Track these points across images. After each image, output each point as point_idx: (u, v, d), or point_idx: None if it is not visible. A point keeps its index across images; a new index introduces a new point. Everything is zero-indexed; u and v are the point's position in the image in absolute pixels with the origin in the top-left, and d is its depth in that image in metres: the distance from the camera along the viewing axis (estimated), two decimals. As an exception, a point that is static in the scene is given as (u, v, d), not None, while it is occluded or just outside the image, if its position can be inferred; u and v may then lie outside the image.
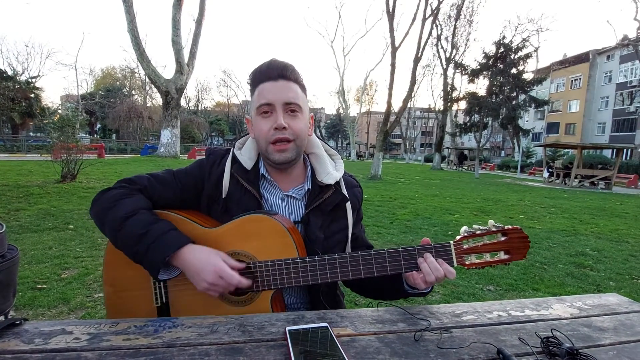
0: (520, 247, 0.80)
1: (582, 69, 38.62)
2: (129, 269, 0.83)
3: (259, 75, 0.87)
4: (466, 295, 2.72)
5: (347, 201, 0.94)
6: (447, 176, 18.30)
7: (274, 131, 0.85)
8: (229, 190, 0.90)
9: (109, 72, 46.16)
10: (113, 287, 0.89)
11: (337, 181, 0.93)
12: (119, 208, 0.81)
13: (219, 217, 0.89)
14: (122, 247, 0.80)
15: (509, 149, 45.76)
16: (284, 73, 0.86)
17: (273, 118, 0.85)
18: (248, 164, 0.92)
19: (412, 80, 14.19)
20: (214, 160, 0.94)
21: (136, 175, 0.91)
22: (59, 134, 7.18)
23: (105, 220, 0.82)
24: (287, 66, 0.87)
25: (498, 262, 0.80)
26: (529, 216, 6.54)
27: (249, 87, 0.91)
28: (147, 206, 0.85)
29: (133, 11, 14.11)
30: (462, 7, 25.67)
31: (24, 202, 5.23)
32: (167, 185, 0.91)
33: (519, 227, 0.80)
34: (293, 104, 0.86)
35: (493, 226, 0.80)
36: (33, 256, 3.09)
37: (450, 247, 0.80)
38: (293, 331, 0.63)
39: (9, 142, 22.47)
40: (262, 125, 0.86)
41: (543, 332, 0.69)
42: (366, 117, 54.76)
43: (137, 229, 0.78)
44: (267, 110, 0.85)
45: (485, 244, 0.80)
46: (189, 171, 0.94)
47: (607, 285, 3.15)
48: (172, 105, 15.70)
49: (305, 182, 0.95)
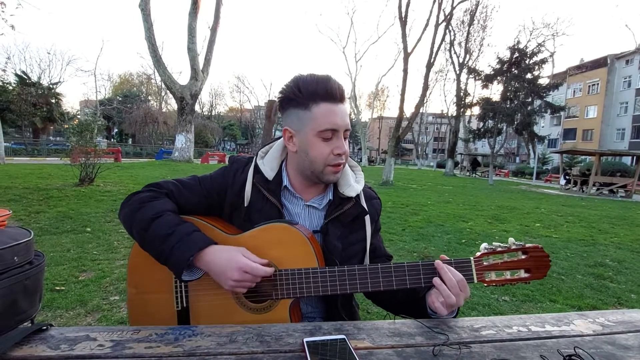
0: (540, 266, 0.80)
1: (600, 73, 37.80)
2: (153, 272, 0.86)
3: (322, 92, 0.83)
4: (481, 306, 2.67)
5: (366, 214, 0.95)
6: (460, 182, 18.07)
7: (334, 156, 0.86)
8: (251, 199, 0.91)
9: (126, 78, 47.46)
10: (136, 289, 0.91)
11: (357, 194, 0.94)
12: (147, 210, 0.83)
13: (241, 225, 0.90)
14: (148, 247, 0.82)
15: (524, 155, 44.96)
16: (343, 94, 0.86)
17: (334, 142, 0.86)
18: (270, 174, 0.93)
19: (424, 85, 14.11)
20: (237, 168, 0.95)
21: (163, 180, 0.93)
22: (77, 138, 7.38)
23: (133, 222, 0.84)
24: (342, 87, 0.86)
25: (518, 281, 0.80)
26: (546, 225, 6.39)
27: (299, 97, 0.84)
28: (173, 209, 0.87)
29: (150, 19, 14.49)
30: (475, 12, 25.52)
31: (43, 204, 5.39)
32: (193, 191, 0.92)
33: (539, 245, 0.80)
34: (348, 130, 0.88)
35: (514, 244, 0.80)
36: (52, 258, 3.17)
37: (471, 263, 0.80)
38: (311, 343, 0.64)
39: (30, 145, 23.23)
40: (323, 148, 0.86)
41: (565, 349, 0.67)
42: (378, 122, 54.67)
43: (163, 229, 0.80)
44: (330, 137, 0.85)
45: (505, 262, 0.80)
46: (214, 178, 0.96)
47: (629, 297, 3.05)
48: (187, 110, 15.98)
49: (327, 192, 0.96)
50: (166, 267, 0.80)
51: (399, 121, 13.49)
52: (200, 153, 25.64)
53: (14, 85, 25.06)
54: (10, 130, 27.10)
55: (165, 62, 15.42)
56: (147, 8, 14.28)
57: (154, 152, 26.98)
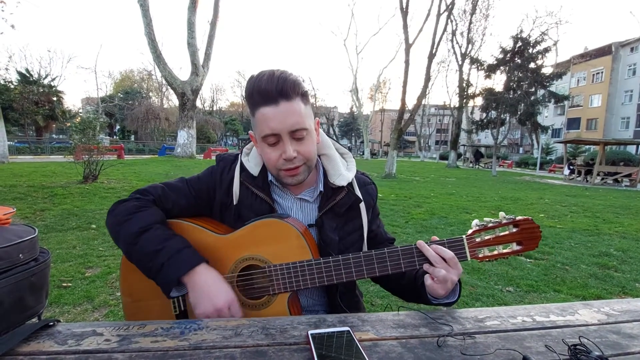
0: (531, 237, 0.81)
1: (604, 62, 37.31)
2: (146, 279, 0.84)
3: (257, 97, 0.79)
4: (485, 297, 2.68)
5: (360, 202, 0.93)
6: (463, 174, 18.00)
7: (283, 161, 0.82)
8: (240, 196, 0.90)
9: (127, 75, 47.39)
10: (131, 296, 0.90)
11: (349, 182, 0.92)
12: (134, 223, 0.81)
13: (232, 224, 0.89)
14: (136, 262, 0.81)
15: (528, 146, 44.66)
16: (284, 91, 0.77)
17: (280, 147, 0.81)
18: (254, 170, 0.91)
19: (426, 77, 14.00)
20: (224, 166, 0.94)
21: (150, 185, 0.92)
22: (80, 136, 7.41)
23: (119, 235, 0.82)
24: (286, 80, 0.78)
25: (510, 254, 0.81)
26: (550, 215, 6.38)
27: (247, 104, 0.83)
28: (162, 219, 0.85)
29: (149, 15, 14.40)
30: (477, 1, 25.18)
31: (48, 202, 5.43)
32: (181, 193, 0.91)
33: (530, 217, 0.81)
34: (299, 130, 0.80)
35: (504, 218, 0.81)
36: (58, 255, 3.20)
37: (463, 241, 0.80)
38: (316, 335, 0.64)
39: (34, 144, 23.33)
40: (270, 154, 0.82)
41: (570, 338, 0.67)
42: (380, 115, 54.37)
43: (151, 245, 0.78)
44: (273, 142, 0.81)
45: (497, 237, 0.81)
46: (201, 178, 0.95)
47: (633, 287, 3.05)
48: (188, 106, 15.97)
49: (317, 184, 0.93)
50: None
51: (401, 113, 13.43)
52: (202, 149, 25.67)
53: (15, 84, 25.10)
54: (13, 129, 27.21)
55: (165, 58, 15.36)
56: (146, 3, 14.20)
57: (157, 148, 27.04)
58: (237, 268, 0.85)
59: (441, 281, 0.77)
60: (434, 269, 0.77)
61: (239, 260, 0.85)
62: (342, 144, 1.01)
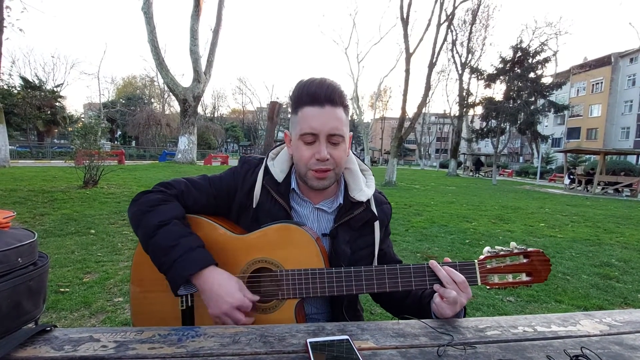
0: (541, 269, 0.82)
1: (604, 72, 37.57)
2: (157, 271, 0.85)
3: (306, 96, 0.83)
4: (485, 307, 2.66)
5: (376, 219, 0.94)
6: (463, 183, 18.00)
7: (315, 161, 0.84)
8: (260, 200, 0.91)
9: (129, 81, 47.78)
10: (140, 287, 0.90)
11: (368, 198, 0.93)
12: (154, 215, 0.82)
13: (248, 226, 0.90)
14: (151, 254, 0.82)
15: (528, 155, 44.73)
16: (332, 97, 0.82)
17: (315, 147, 0.84)
18: (279, 176, 0.92)
19: (426, 85, 14.09)
20: (248, 169, 0.95)
21: (174, 179, 0.93)
22: (82, 141, 7.44)
23: (140, 224, 0.83)
24: (335, 88, 0.83)
25: (519, 284, 0.82)
26: (550, 224, 6.35)
27: (290, 102, 0.87)
28: (182, 215, 0.86)
29: (153, 22, 14.58)
30: (477, 11, 25.47)
31: (48, 207, 5.42)
32: (202, 191, 0.92)
33: (541, 250, 0.82)
34: (337, 135, 0.83)
35: (515, 248, 0.82)
36: (56, 260, 3.19)
37: (475, 266, 0.81)
38: (314, 343, 0.63)
39: (35, 148, 23.37)
40: (304, 152, 0.85)
41: (572, 349, 0.66)
42: (380, 123, 54.63)
43: (167, 240, 0.79)
44: (310, 140, 0.84)
45: (507, 265, 0.82)
46: (223, 178, 0.95)
47: (635, 297, 3.02)
48: (190, 112, 16.05)
49: (338, 196, 0.95)
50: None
51: (402, 121, 13.49)
52: (203, 155, 25.72)
53: (18, 89, 25.26)
54: (15, 133, 27.30)
55: (167, 65, 15.50)
56: (150, 11, 14.38)
57: (157, 154, 27.09)
58: (249, 269, 0.85)
59: (451, 302, 0.77)
60: (445, 290, 0.78)
61: (251, 261, 0.85)
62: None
